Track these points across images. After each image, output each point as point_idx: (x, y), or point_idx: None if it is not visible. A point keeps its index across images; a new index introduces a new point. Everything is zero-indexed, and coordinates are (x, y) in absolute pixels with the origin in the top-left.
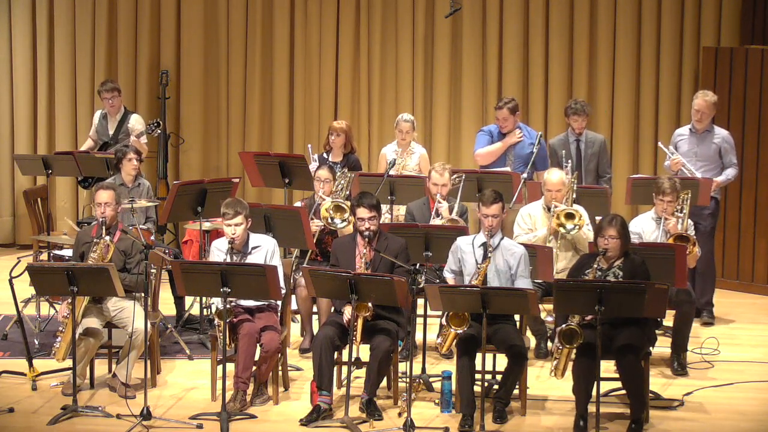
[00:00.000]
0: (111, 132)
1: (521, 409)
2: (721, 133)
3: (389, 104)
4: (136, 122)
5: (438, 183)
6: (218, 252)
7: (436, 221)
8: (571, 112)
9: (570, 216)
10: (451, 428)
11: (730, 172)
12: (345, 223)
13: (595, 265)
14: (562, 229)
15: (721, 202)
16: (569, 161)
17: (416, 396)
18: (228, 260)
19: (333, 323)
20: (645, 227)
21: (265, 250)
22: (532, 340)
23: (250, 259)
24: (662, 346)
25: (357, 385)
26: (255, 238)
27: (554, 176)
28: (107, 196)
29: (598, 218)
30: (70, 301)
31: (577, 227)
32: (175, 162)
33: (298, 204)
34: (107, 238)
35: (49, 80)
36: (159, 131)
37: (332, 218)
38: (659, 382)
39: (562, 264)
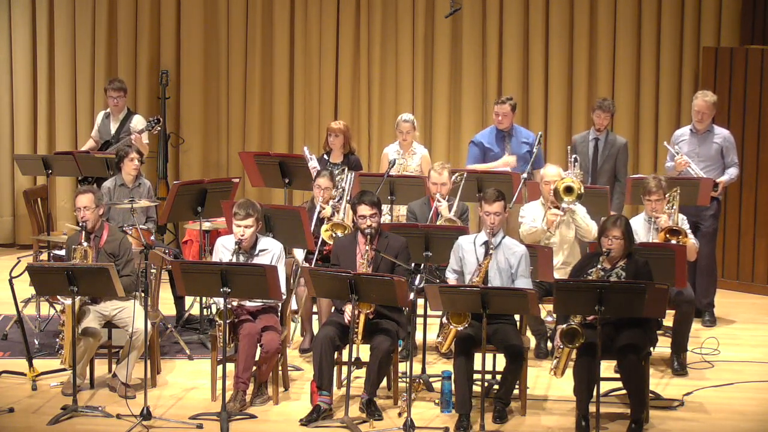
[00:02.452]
0: (113, 131)
1: (521, 409)
2: (722, 132)
3: (389, 104)
4: (137, 122)
5: (437, 182)
6: (224, 249)
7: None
8: (596, 107)
9: (569, 190)
10: (450, 428)
11: (732, 172)
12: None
13: (598, 266)
14: (562, 205)
15: (722, 203)
16: (577, 160)
17: (416, 396)
18: (233, 260)
19: (333, 323)
20: (638, 228)
21: (271, 254)
22: (532, 340)
23: (256, 261)
24: (662, 346)
25: (357, 385)
26: (263, 241)
27: (552, 169)
28: (86, 200)
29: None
30: (63, 309)
31: (575, 203)
32: (175, 162)
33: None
34: (85, 244)
35: (49, 80)
36: (159, 128)
37: (335, 234)
38: (659, 382)
39: (560, 258)
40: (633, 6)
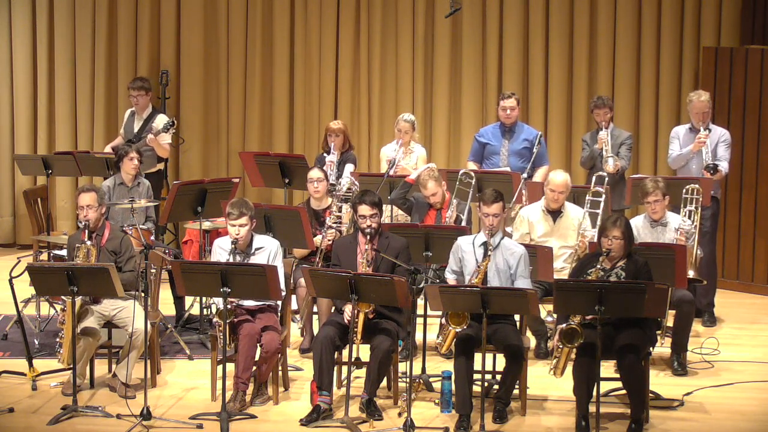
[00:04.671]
0: (136, 130)
1: (521, 409)
2: (718, 130)
3: (389, 104)
4: (158, 122)
5: (427, 195)
6: (221, 251)
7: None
8: (593, 106)
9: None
10: (450, 428)
11: (725, 166)
12: None
13: (598, 265)
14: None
15: (721, 203)
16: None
17: (416, 396)
18: (230, 260)
19: (333, 323)
20: (640, 229)
21: (268, 251)
22: (532, 340)
23: (253, 260)
24: (662, 346)
25: (357, 385)
26: (259, 240)
27: (559, 177)
28: (89, 199)
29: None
30: (64, 308)
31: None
32: (175, 162)
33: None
34: (88, 242)
35: (49, 80)
36: (173, 130)
37: None
38: (659, 382)
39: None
40: (633, 6)
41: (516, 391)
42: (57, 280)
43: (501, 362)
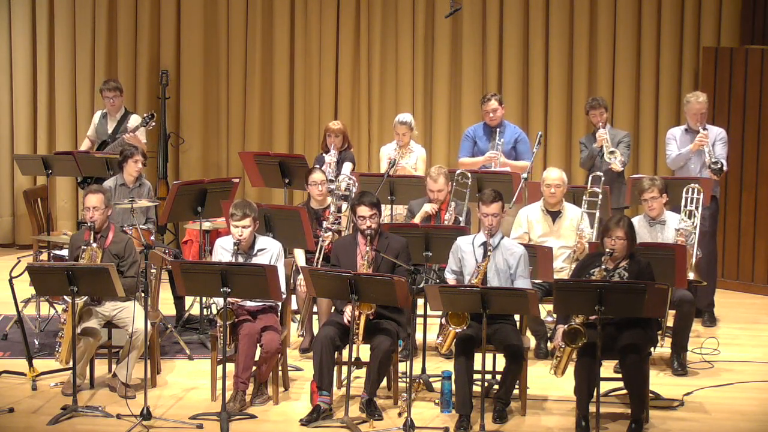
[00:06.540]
0: (110, 131)
1: (521, 409)
2: (714, 129)
3: (389, 104)
4: (134, 121)
5: (433, 189)
6: (222, 251)
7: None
8: (589, 107)
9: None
10: (450, 428)
11: (724, 163)
12: None
13: (602, 266)
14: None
15: (721, 203)
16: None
17: (416, 396)
18: (233, 261)
19: (333, 323)
20: (638, 228)
21: (270, 253)
22: (532, 341)
23: (255, 262)
24: (662, 347)
25: (357, 385)
26: (261, 241)
27: (554, 172)
28: (96, 200)
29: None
30: (65, 308)
31: None
32: (175, 162)
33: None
34: (94, 245)
35: (49, 80)
36: (154, 123)
37: None
38: (659, 382)
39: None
40: (633, 6)
41: (516, 391)
42: (57, 280)
43: (501, 362)
